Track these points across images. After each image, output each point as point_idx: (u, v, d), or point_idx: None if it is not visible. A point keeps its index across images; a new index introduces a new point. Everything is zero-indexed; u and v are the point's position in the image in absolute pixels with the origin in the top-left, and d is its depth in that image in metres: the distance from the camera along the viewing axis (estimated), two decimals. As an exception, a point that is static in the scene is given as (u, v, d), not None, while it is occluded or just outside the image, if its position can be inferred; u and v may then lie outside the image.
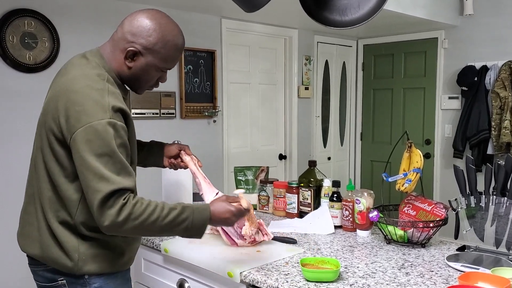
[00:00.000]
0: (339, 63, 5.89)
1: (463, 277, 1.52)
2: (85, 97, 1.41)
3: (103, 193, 1.35)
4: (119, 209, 1.37)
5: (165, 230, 1.47)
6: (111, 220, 1.36)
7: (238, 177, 2.71)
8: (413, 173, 2.06)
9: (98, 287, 1.54)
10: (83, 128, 1.37)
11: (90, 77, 1.47)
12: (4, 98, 3.29)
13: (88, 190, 1.38)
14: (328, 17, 2.18)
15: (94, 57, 1.55)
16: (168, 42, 1.53)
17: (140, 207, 1.40)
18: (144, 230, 1.44)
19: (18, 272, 3.20)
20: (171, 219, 1.44)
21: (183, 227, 1.47)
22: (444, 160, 5.26)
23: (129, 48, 1.50)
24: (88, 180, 1.37)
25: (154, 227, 1.43)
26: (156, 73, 1.59)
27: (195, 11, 4.26)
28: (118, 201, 1.37)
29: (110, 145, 1.38)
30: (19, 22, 3.30)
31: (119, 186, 1.37)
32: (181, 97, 4.25)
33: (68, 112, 1.41)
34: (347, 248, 1.95)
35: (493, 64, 4.70)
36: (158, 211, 1.43)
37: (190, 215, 1.48)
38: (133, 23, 1.51)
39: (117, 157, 1.39)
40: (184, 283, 1.94)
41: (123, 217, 1.37)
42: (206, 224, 1.52)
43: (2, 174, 3.30)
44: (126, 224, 1.38)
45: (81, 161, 1.38)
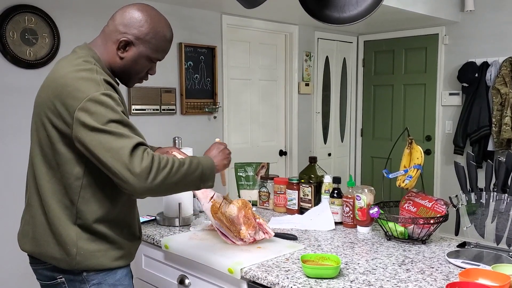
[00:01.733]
0: (340, 59, 5.88)
1: (463, 273, 1.52)
2: (74, 77, 1.43)
3: (128, 148, 1.36)
4: (151, 160, 1.39)
5: (188, 178, 1.49)
6: (145, 173, 1.37)
7: (239, 173, 2.71)
8: (413, 169, 2.06)
9: (97, 283, 1.54)
10: (83, 103, 1.38)
11: (75, 63, 1.50)
12: (5, 94, 3.29)
13: (111, 153, 1.36)
14: (326, 14, 2.18)
15: (82, 50, 1.58)
16: (159, 33, 1.57)
17: (162, 157, 1.43)
18: (173, 179, 1.44)
19: (18, 271, 3.21)
20: (188, 164, 1.49)
21: (199, 172, 1.53)
22: (444, 156, 5.26)
23: (122, 38, 1.54)
24: (108, 144, 1.36)
25: (179, 175, 1.45)
26: (146, 64, 1.61)
27: (195, 7, 4.25)
28: (146, 153, 1.39)
29: (114, 111, 1.40)
30: (19, 18, 3.30)
31: (140, 140, 1.40)
32: (182, 93, 4.25)
33: (62, 96, 1.42)
34: (348, 245, 1.95)
35: (494, 60, 4.70)
36: (175, 160, 1.47)
37: (199, 160, 1.56)
38: (125, 15, 1.56)
39: (124, 121, 1.41)
40: (184, 279, 1.94)
41: (156, 167, 1.39)
42: (213, 165, 1.61)
43: (3, 170, 3.30)
44: (159, 175, 1.40)
45: (92, 132, 1.37)
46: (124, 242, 1.59)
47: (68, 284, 1.55)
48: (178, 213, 2.22)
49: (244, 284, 1.69)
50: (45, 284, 1.60)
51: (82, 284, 1.54)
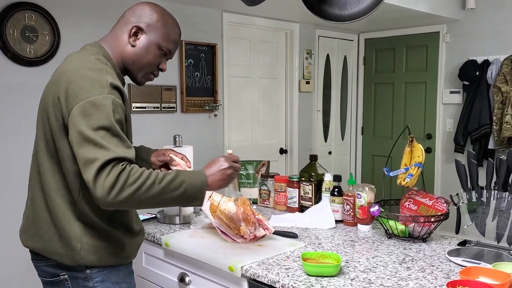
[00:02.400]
0: (340, 57, 5.87)
1: (464, 271, 1.51)
2: (83, 75, 1.43)
3: (101, 161, 1.33)
4: (116, 176, 1.33)
5: (164, 195, 1.41)
6: (106, 190, 1.32)
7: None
8: (414, 167, 2.06)
9: (100, 281, 1.54)
10: (82, 103, 1.38)
11: (88, 60, 1.50)
12: (5, 92, 3.29)
13: (85, 161, 1.34)
14: (328, 11, 2.18)
15: (92, 47, 1.58)
16: (168, 23, 1.62)
17: (137, 172, 1.37)
18: (141, 197, 1.37)
19: (20, 267, 3.21)
20: (168, 181, 1.41)
21: (181, 191, 1.43)
22: (445, 154, 5.25)
23: (133, 25, 1.58)
24: (85, 152, 1.35)
25: (152, 192, 1.38)
26: (157, 53, 1.61)
27: (196, 5, 4.24)
28: (116, 168, 1.34)
29: (108, 119, 1.38)
30: (19, 16, 3.29)
31: (118, 155, 1.36)
32: (182, 91, 4.25)
33: (67, 90, 1.42)
34: (348, 243, 1.95)
35: (495, 59, 4.69)
36: (153, 176, 1.39)
37: (186, 177, 1.45)
38: (135, 10, 1.61)
39: (115, 131, 1.39)
40: (185, 277, 1.94)
41: (120, 184, 1.33)
42: (205, 185, 1.49)
43: (3, 167, 3.30)
44: (124, 191, 1.34)
45: (78, 134, 1.36)
46: (126, 240, 1.59)
47: (71, 281, 1.54)
48: (179, 211, 2.21)
49: (245, 282, 1.69)
50: (48, 281, 1.60)
51: (86, 282, 1.53)
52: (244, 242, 1.90)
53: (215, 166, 1.54)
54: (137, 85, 1.69)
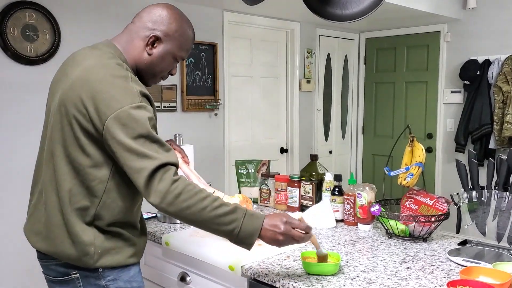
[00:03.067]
0: (341, 56, 5.87)
1: (464, 271, 1.51)
2: (111, 84, 1.42)
3: (148, 170, 1.35)
4: (171, 183, 1.36)
5: (211, 223, 1.40)
6: (163, 195, 1.35)
7: (239, 171, 2.71)
8: (415, 167, 2.06)
9: (112, 279, 1.53)
10: (116, 113, 1.37)
11: (110, 66, 1.48)
12: (5, 91, 3.29)
13: (132, 171, 1.37)
14: (329, 10, 2.18)
15: (107, 47, 1.55)
16: (186, 32, 1.60)
17: (193, 189, 1.38)
18: (189, 215, 1.38)
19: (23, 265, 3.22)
20: (220, 214, 1.39)
21: (230, 228, 1.40)
22: (446, 154, 5.25)
23: (152, 34, 1.55)
24: (130, 162, 1.37)
25: (201, 215, 1.38)
26: (171, 61, 1.62)
27: (197, 4, 4.24)
28: (167, 175, 1.36)
29: (144, 127, 1.39)
30: (20, 14, 3.29)
31: (163, 161, 1.37)
32: (183, 90, 4.25)
33: (96, 101, 1.40)
34: (349, 242, 1.95)
35: (495, 58, 4.68)
36: (209, 200, 1.39)
37: (241, 217, 1.41)
38: (153, 13, 1.57)
39: (153, 137, 1.40)
40: (185, 276, 1.94)
41: (176, 193, 1.35)
42: (257, 233, 1.43)
43: (4, 166, 3.30)
44: (177, 201, 1.36)
45: (118, 145, 1.37)
46: (135, 239, 1.59)
47: (82, 280, 1.53)
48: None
49: (245, 282, 1.69)
50: (57, 280, 1.57)
51: (97, 280, 1.52)
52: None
53: (273, 223, 1.45)
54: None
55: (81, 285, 1.53)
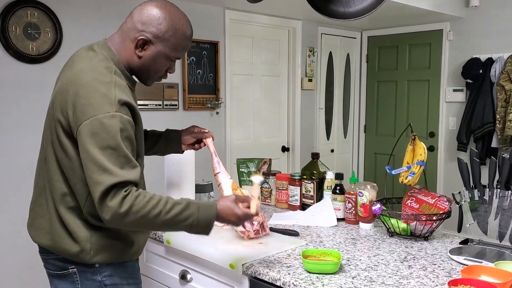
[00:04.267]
0: (343, 54, 5.86)
1: (466, 270, 1.51)
2: (92, 90, 1.41)
3: (105, 185, 1.35)
4: (120, 201, 1.36)
5: (169, 225, 1.45)
6: (112, 212, 1.35)
7: (241, 169, 2.70)
8: (416, 166, 2.05)
9: (108, 275, 1.56)
10: (89, 121, 1.37)
11: (97, 70, 1.47)
12: (7, 89, 3.29)
13: (91, 182, 1.38)
14: (331, 8, 2.17)
15: (102, 49, 1.54)
16: (178, 31, 1.53)
17: (143, 200, 1.39)
18: (146, 224, 1.42)
19: (25, 262, 3.22)
20: (174, 214, 1.42)
21: (187, 223, 1.45)
22: (448, 153, 5.24)
23: (140, 37, 1.51)
24: (91, 172, 1.37)
25: (157, 221, 1.41)
26: (165, 63, 1.59)
27: (198, 2, 4.23)
28: (120, 193, 1.36)
29: (115, 138, 1.38)
30: (22, 13, 3.29)
31: (122, 179, 1.37)
32: (184, 89, 4.24)
33: (75, 104, 1.41)
34: (350, 241, 1.95)
35: (498, 57, 4.67)
36: (161, 205, 1.41)
37: (195, 212, 1.45)
38: (143, 13, 1.52)
39: (121, 151, 1.39)
40: (186, 275, 1.94)
41: (125, 209, 1.36)
42: (213, 222, 1.49)
43: (6, 164, 3.30)
44: (128, 217, 1.37)
45: (85, 153, 1.38)
46: (133, 236, 1.60)
47: (79, 275, 1.55)
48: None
49: (246, 280, 1.69)
50: (56, 274, 1.60)
51: (94, 275, 1.55)
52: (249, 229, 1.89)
53: (226, 208, 1.51)
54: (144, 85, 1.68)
55: (78, 280, 1.56)
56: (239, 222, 1.55)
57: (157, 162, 2.33)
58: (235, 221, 1.52)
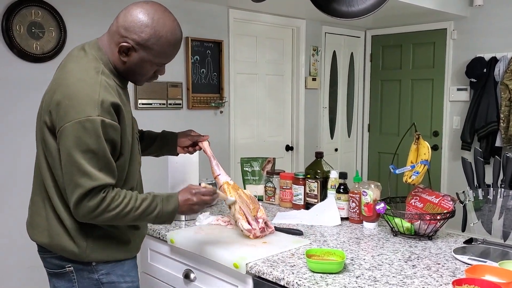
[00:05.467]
0: (347, 54, 5.85)
1: (470, 270, 1.51)
2: (76, 91, 1.42)
3: (84, 189, 1.40)
4: (98, 202, 1.42)
5: (137, 219, 1.52)
6: (87, 211, 1.43)
7: (245, 168, 2.71)
8: (420, 165, 2.05)
9: (105, 273, 1.57)
10: (71, 123, 1.39)
11: (84, 71, 1.48)
12: (11, 88, 3.30)
13: (70, 183, 1.42)
14: (334, 7, 2.17)
15: (92, 49, 1.55)
16: (161, 38, 1.49)
17: (117, 200, 1.46)
18: (117, 220, 1.49)
19: (26, 262, 3.23)
20: (143, 209, 1.51)
21: (153, 216, 1.54)
22: (452, 152, 5.23)
23: (122, 43, 1.49)
24: (71, 174, 1.41)
25: (127, 217, 1.49)
26: (151, 68, 1.58)
27: (202, 1, 4.23)
28: (98, 195, 1.43)
29: (96, 142, 1.40)
30: (26, 12, 3.30)
31: (101, 182, 1.42)
32: (188, 88, 4.25)
33: (60, 105, 1.42)
34: (354, 240, 1.95)
35: (502, 56, 4.65)
36: (132, 203, 1.49)
37: (159, 204, 1.55)
38: (127, 17, 1.49)
39: (101, 154, 1.42)
40: (189, 274, 1.94)
41: (101, 209, 1.43)
42: (176, 211, 1.59)
43: (9, 163, 3.31)
44: (102, 215, 1.45)
45: (65, 155, 1.41)
46: (129, 234, 1.62)
47: (76, 273, 1.57)
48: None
49: (249, 279, 1.69)
50: (53, 272, 1.62)
51: (91, 274, 1.56)
52: (255, 227, 1.89)
53: (184, 197, 1.61)
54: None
55: (75, 278, 1.57)
56: (197, 206, 1.63)
57: (161, 162, 2.33)
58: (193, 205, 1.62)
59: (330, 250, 1.67)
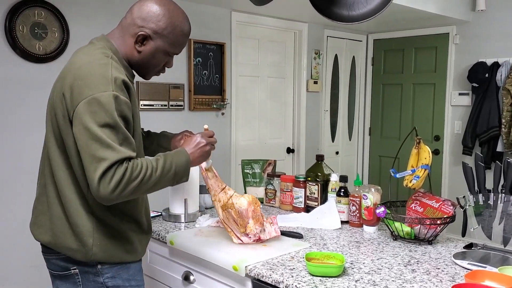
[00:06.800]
0: (349, 57, 5.86)
1: (469, 275, 1.51)
2: (88, 71, 1.44)
3: (109, 162, 1.37)
4: (121, 176, 1.38)
5: (158, 182, 1.49)
6: (112, 188, 1.37)
7: (245, 170, 2.71)
8: (421, 169, 2.05)
9: (111, 277, 1.55)
10: (86, 100, 1.39)
11: (93, 55, 1.50)
12: (14, 88, 3.31)
13: (92, 160, 1.38)
14: (335, 11, 2.17)
15: (100, 41, 1.58)
16: (176, 27, 1.58)
17: (137, 167, 1.43)
18: (143, 188, 1.45)
19: (29, 261, 3.23)
20: (161, 168, 1.48)
21: (172, 173, 1.52)
22: (453, 157, 5.23)
23: (140, 32, 1.54)
24: (92, 150, 1.38)
25: (149, 183, 1.45)
26: (164, 58, 1.62)
27: (205, 3, 4.25)
28: (120, 168, 1.39)
29: (112, 116, 1.40)
30: (29, 12, 3.31)
31: (124, 155, 1.40)
32: (190, 89, 4.25)
33: (72, 88, 1.43)
34: (353, 244, 1.95)
35: (504, 61, 4.66)
36: (150, 166, 1.46)
37: (173, 159, 1.53)
38: (143, 9, 1.55)
39: (119, 128, 1.41)
40: (189, 276, 1.94)
41: (124, 182, 1.39)
42: (189, 161, 1.58)
43: (12, 163, 3.32)
44: (127, 188, 1.40)
45: (84, 131, 1.39)
46: (136, 237, 1.60)
47: (81, 276, 1.55)
48: (184, 209, 2.22)
49: (249, 282, 1.69)
50: (58, 274, 1.60)
51: (96, 277, 1.54)
52: (247, 242, 1.89)
53: (194, 144, 1.64)
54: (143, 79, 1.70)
55: (80, 281, 1.55)
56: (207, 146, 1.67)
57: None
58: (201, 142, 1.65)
59: (330, 254, 1.67)
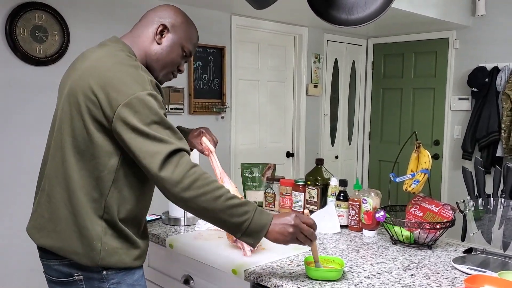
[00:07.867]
0: (349, 61, 5.86)
1: (469, 279, 1.50)
2: (121, 72, 1.43)
3: (163, 154, 1.36)
4: (188, 168, 1.37)
5: (224, 214, 1.40)
6: (177, 180, 1.35)
7: (245, 174, 2.71)
8: (421, 173, 2.05)
9: (116, 282, 1.51)
10: (128, 100, 1.38)
11: (119, 56, 1.50)
12: (15, 91, 3.31)
13: (145, 156, 1.36)
14: (334, 15, 2.17)
15: (115, 43, 1.58)
16: (191, 26, 1.67)
17: (209, 178, 1.39)
18: (203, 204, 1.38)
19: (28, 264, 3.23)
20: (234, 204, 1.40)
21: (241, 220, 1.41)
22: (452, 161, 5.23)
23: (160, 23, 1.60)
24: (143, 146, 1.37)
25: (215, 204, 1.38)
26: (180, 53, 1.65)
27: (205, 7, 4.25)
28: (184, 160, 1.38)
29: (157, 114, 1.40)
30: (29, 15, 3.31)
31: (178, 146, 1.39)
32: (190, 93, 4.26)
33: (107, 88, 1.40)
34: (353, 248, 1.95)
35: (504, 66, 4.66)
36: (224, 190, 1.41)
37: (252, 210, 1.43)
38: (158, 10, 1.64)
39: (166, 123, 1.41)
40: (189, 279, 1.94)
41: (192, 179, 1.36)
42: (266, 227, 1.45)
43: (13, 166, 3.32)
44: (190, 190, 1.36)
45: (131, 131, 1.37)
46: (140, 241, 1.57)
47: (85, 283, 1.50)
48: (183, 213, 2.21)
49: (248, 286, 1.69)
50: (59, 281, 1.54)
51: (101, 283, 1.50)
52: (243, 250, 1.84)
53: (282, 218, 1.48)
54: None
55: (84, 287, 1.51)
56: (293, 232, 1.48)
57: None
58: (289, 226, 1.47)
59: (329, 258, 1.67)
